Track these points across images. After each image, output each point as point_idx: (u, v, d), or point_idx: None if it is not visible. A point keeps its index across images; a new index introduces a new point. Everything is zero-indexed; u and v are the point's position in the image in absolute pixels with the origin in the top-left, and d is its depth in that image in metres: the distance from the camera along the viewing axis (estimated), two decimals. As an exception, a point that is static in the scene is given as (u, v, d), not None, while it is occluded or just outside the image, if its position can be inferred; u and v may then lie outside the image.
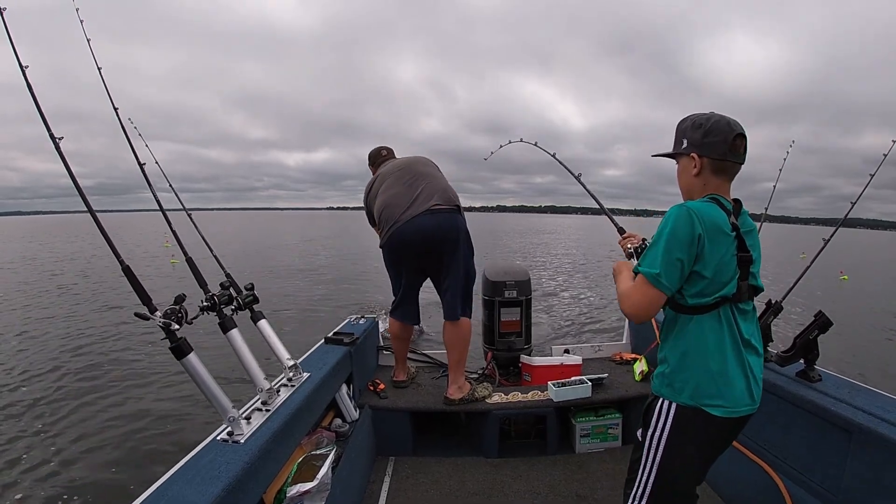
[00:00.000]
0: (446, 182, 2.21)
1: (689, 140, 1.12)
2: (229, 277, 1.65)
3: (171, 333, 1.18)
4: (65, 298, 9.44)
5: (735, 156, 1.09)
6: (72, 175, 1.18)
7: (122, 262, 1.19)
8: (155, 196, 1.64)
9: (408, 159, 2.31)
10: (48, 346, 6.23)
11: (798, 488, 1.46)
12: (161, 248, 18.40)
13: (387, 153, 2.47)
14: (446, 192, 2.14)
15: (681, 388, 1.07)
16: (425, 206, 2.10)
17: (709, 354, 1.05)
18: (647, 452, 1.11)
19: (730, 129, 1.07)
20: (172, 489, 1.03)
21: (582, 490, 1.94)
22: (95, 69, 1.53)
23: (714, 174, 1.11)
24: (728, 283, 1.05)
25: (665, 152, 1.20)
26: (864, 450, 1.27)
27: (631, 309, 1.10)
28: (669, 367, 1.10)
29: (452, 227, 2.12)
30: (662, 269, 1.03)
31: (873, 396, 1.41)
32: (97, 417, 4.04)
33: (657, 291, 1.04)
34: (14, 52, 1.18)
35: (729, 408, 1.04)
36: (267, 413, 1.41)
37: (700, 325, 1.07)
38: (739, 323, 1.08)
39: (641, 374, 2.39)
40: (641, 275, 1.07)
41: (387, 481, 2.02)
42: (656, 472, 1.10)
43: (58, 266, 15.10)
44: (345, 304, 8.74)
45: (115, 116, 1.56)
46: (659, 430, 1.09)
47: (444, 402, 2.19)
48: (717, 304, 1.06)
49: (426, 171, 2.21)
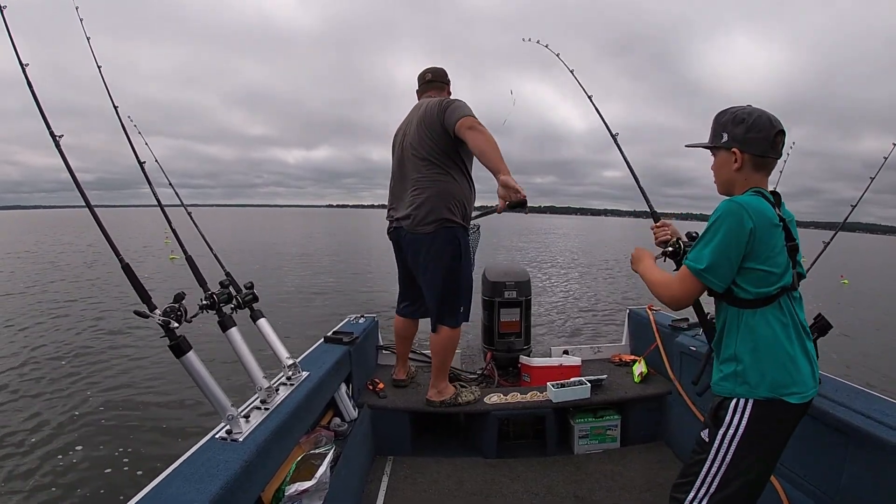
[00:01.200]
0: (430, 183, 1.97)
1: (731, 135, 1.13)
2: (229, 276, 1.65)
3: (170, 331, 1.18)
4: (62, 294, 9.43)
5: (775, 152, 1.12)
6: (72, 173, 1.18)
7: (121, 260, 1.19)
8: (155, 195, 1.64)
9: (415, 126, 2.02)
10: (45, 342, 6.22)
11: (795, 491, 1.46)
12: (161, 243, 18.27)
13: (425, 83, 2.22)
14: (422, 203, 1.97)
15: (757, 382, 1.07)
16: (398, 215, 2.07)
17: (780, 345, 1.07)
18: (715, 453, 1.10)
19: (771, 125, 1.10)
20: (171, 487, 1.03)
21: (580, 491, 1.94)
22: (95, 66, 1.53)
23: (754, 169, 1.13)
24: (785, 272, 1.08)
25: (702, 143, 1.21)
26: (862, 453, 1.27)
27: (671, 299, 1.15)
28: (742, 365, 1.09)
29: (419, 249, 2.04)
30: (710, 264, 1.06)
31: (871, 400, 1.41)
32: (95, 415, 4.03)
33: (699, 285, 1.09)
34: (14, 50, 1.18)
35: (803, 393, 1.07)
36: (266, 412, 1.41)
37: (766, 317, 1.08)
38: (796, 310, 1.11)
39: (640, 375, 2.39)
40: (686, 268, 1.10)
41: (385, 481, 2.02)
42: (724, 474, 1.09)
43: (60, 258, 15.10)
44: (345, 303, 8.74)
45: (115, 114, 1.56)
46: (733, 428, 1.08)
47: (425, 402, 2.21)
48: (779, 294, 1.08)
49: (420, 167, 2.00)
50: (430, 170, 1.98)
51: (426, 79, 2.22)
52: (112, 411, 4.12)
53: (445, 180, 1.99)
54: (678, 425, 2.18)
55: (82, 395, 4.48)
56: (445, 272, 2.03)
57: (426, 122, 1.98)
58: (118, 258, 1.19)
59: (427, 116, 1.98)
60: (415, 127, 2.02)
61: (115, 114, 1.56)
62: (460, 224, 2.03)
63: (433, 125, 1.95)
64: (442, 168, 1.99)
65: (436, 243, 1.99)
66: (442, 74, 2.22)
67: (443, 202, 1.97)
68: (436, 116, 1.94)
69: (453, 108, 1.90)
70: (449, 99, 2.00)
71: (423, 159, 1.99)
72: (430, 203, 1.97)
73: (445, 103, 1.94)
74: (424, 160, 1.99)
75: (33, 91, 1.17)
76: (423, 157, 1.99)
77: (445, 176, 1.99)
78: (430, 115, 1.97)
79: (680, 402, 2.15)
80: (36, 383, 4.79)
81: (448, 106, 1.92)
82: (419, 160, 2.00)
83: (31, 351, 5.90)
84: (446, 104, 1.94)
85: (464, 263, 2.06)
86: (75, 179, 1.19)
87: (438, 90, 2.20)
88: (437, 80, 2.20)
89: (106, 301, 8.74)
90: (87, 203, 1.21)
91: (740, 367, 1.10)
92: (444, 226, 1.98)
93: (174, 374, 4.70)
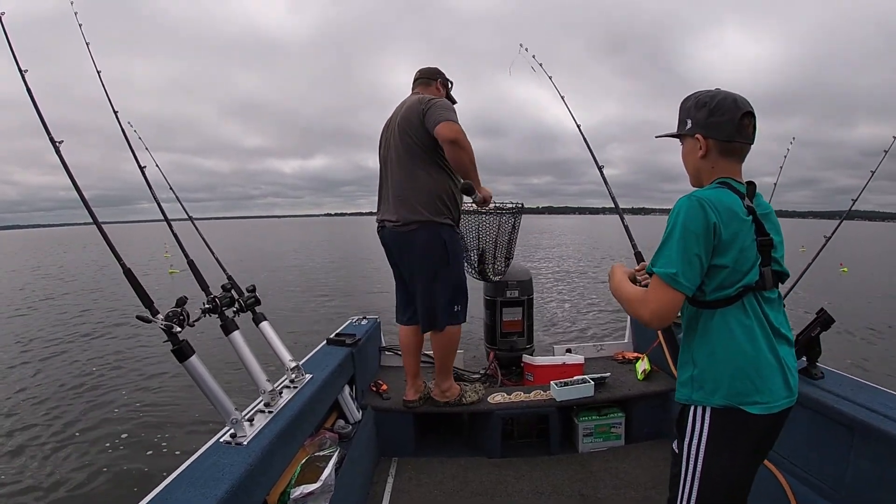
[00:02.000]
0: (413, 182, 1.94)
1: (694, 120, 1.05)
2: (231, 280, 1.65)
3: (172, 336, 1.18)
4: (66, 303, 9.45)
5: (743, 136, 1.02)
6: (71, 176, 1.18)
7: (123, 265, 1.19)
8: (155, 197, 1.64)
9: (397, 123, 1.99)
10: (50, 350, 6.23)
11: (801, 485, 1.46)
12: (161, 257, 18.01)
13: (413, 81, 2.18)
14: (406, 203, 1.94)
15: (713, 389, 1.00)
16: (384, 216, 2.02)
17: (739, 349, 0.98)
18: (686, 465, 1.03)
19: (736, 107, 1.00)
20: (176, 492, 1.03)
21: (585, 489, 1.94)
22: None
23: (722, 156, 1.04)
24: (749, 270, 0.98)
25: (669, 133, 1.13)
26: (867, 446, 1.26)
27: (650, 315, 1.00)
28: (697, 369, 1.02)
29: (405, 249, 1.99)
30: (680, 267, 0.95)
31: (875, 393, 1.41)
32: (100, 421, 4.04)
33: (676, 293, 0.96)
34: (13, 54, 1.18)
35: (767, 403, 0.97)
36: (270, 415, 1.41)
37: (725, 318, 0.99)
38: (767, 312, 1.00)
39: (643, 372, 2.39)
40: (657, 276, 0.98)
41: (390, 482, 2.02)
42: (699, 485, 1.01)
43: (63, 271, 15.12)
44: (347, 305, 8.75)
45: (115, 119, 1.56)
46: (696, 438, 1.01)
47: (419, 400, 2.19)
48: (741, 294, 0.98)
49: (402, 165, 1.96)
50: (412, 167, 1.94)
51: (415, 77, 2.20)
52: (116, 416, 4.13)
53: (427, 177, 1.94)
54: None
55: (86, 401, 4.48)
56: (435, 271, 1.98)
57: (407, 119, 1.94)
58: (120, 264, 1.19)
59: (408, 113, 1.95)
60: (396, 125, 1.99)
61: (111, 126, 1.57)
62: (446, 223, 1.98)
63: (412, 123, 1.92)
64: (423, 165, 1.94)
65: (421, 242, 1.95)
66: (431, 72, 2.17)
67: (426, 200, 1.93)
68: (416, 115, 1.91)
69: (434, 108, 1.87)
70: (429, 97, 1.95)
71: (404, 157, 1.95)
72: (412, 201, 1.93)
73: (427, 101, 1.91)
74: (405, 158, 1.95)
75: (33, 97, 1.18)
76: (403, 155, 1.95)
77: (426, 173, 1.94)
78: (411, 112, 1.93)
79: None
80: (39, 389, 4.80)
81: (430, 105, 1.88)
82: (400, 158, 1.96)
83: (35, 358, 5.91)
84: (427, 102, 1.90)
85: (452, 261, 2.01)
86: (75, 183, 1.19)
87: (424, 86, 2.15)
88: (424, 77, 2.16)
89: (108, 307, 8.75)
90: (88, 206, 1.21)
91: (696, 372, 1.03)
92: (429, 224, 1.93)
93: (178, 378, 4.71)
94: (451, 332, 2.08)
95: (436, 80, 2.15)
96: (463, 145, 1.81)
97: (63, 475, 3.18)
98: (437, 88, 2.15)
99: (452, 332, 2.08)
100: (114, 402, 4.44)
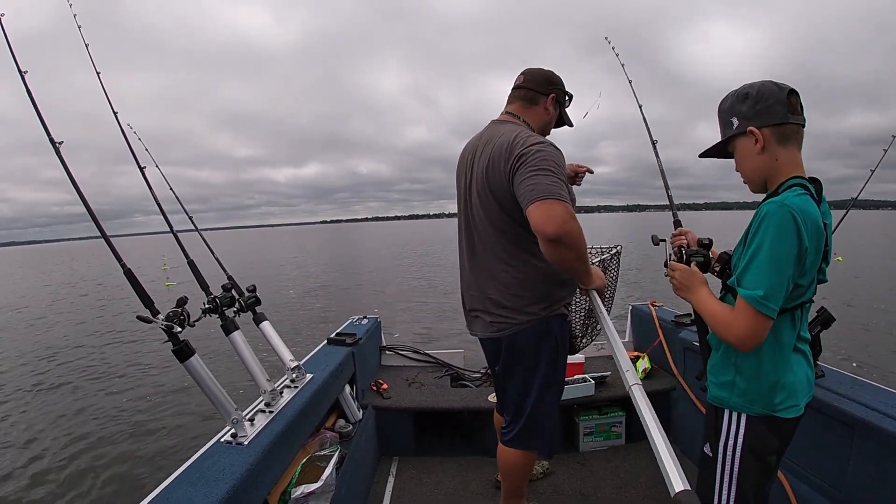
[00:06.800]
0: (516, 274, 1.38)
1: (740, 115, 0.97)
2: (231, 279, 1.65)
3: (173, 336, 1.18)
4: (67, 307, 9.45)
5: (796, 116, 0.95)
6: (71, 177, 1.18)
7: (123, 265, 1.19)
8: (155, 198, 1.63)
9: (480, 179, 1.39)
10: (52, 351, 6.24)
11: (801, 484, 1.46)
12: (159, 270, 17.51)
13: (513, 89, 1.50)
14: (501, 300, 1.40)
15: (753, 398, 0.99)
16: (477, 306, 1.49)
17: (786, 364, 0.97)
18: (722, 468, 1.03)
19: (779, 88, 0.94)
20: (177, 492, 1.03)
21: (586, 489, 1.94)
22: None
23: (781, 144, 0.95)
24: (811, 285, 0.94)
25: (716, 144, 1.04)
26: (867, 445, 1.26)
27: (738, 341, 0.94)
28: (741, 377, 1.00)
29: (501, 350, 1.47)
30: (769, 289, 0.88)
31: (875, 392, 1.41)
32: (101, 421, 4.04)
33: (765, 319, 0.89)
34: (12, 55, 1.18)
35: (798, 405, 0.99)
36: (270, 414, 1.41)
37: (776, 330, 0.95)
38: (804, 320, 0.99)
39: (644, 371, 2.39)
40: (743, 299, 0.91)
41: (391, 481, 2.02)
42: (737, 484, 1.01)
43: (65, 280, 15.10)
44: (347, 304, 8.75)
45: (115, 120, 1.56)
46: (731, 442, 1.02)
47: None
48: (795, 308, 0.95)
49: (493, 240, 1.40)
50: (508, 246, 1.39)
51: (516, 83, 1.50)
52: (117, 417, 4.13)
53: (530, 261, 1.38)
54: (683, 421, 2.18)
55: (87, 401, 4.49)
56: (533, 379, 1.45)
57: (491, 178, 1.35)
58: (120, 264, 1.19)
59: (493, 169, 1.33)
60: (480, 179, 1.39)
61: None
62: (556, 314, 1.42)
63: (500, 186, 1.32)
64: (522, 243, 1.37)
65: (522, 343, 1.43)
66: (540, 81, 1.47)
67: (530, 291, 1.39)
68: (503, 174, 1.30)
69: (527, 171, 1.23)
70: (526, 139, 1.28)
71: (497, 229, 1.39)
72: (513, 293, 1.39)
73: (520, 150, 1.26)
74: (498, 231, 1.39)
75: (32, 98, 1.17)
76: (495, 227, 1.39)
77: (530, 254, 1.37)
78: (496, 168, 1.32)
79: (684, 398, 2.15)
80: (41, 391, 4.80)
81: (521, 162, 1.25)
82: (491, 230, 1.40)
83: (36, 359, 5.91)
84: (520, 156, 1.26)
85: (559, 365, 1.48)
86: (74, 183, 1.18)
87: (525, 106, 1.48)
88: (530, 87, 1.47)
89: (109, 308, 8.76)
90: (88, 207, 1.21)
91: (738, 379, 1.01)
92: (534, 321, 1.40)
93: (178, 378, 4.72)
94: (527, 457, 1.58)
95: (547, 95, 1.47)
96: (570, 243, 1.19)
97: (64, 475, 3.18)
98: (546, 109, 1.48)
99: (529, 456, 1.58)
100: (114, 403, 4.45)
